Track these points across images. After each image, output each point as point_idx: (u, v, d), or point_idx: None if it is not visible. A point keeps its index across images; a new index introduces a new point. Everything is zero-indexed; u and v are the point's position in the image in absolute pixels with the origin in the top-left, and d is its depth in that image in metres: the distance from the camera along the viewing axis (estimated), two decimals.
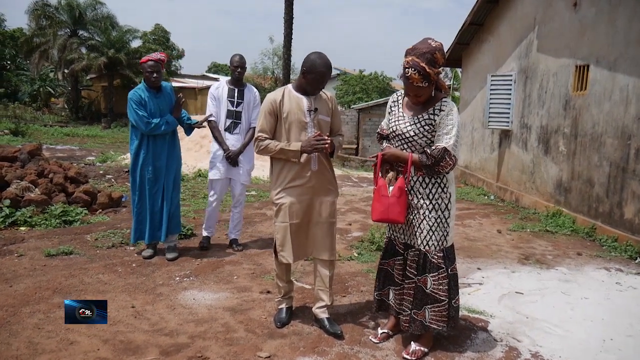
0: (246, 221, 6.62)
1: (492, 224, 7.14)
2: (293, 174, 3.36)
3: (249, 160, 5.30)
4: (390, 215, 3.02)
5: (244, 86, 5.27)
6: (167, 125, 4.76)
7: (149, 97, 4.75)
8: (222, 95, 5.18)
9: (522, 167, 8.72)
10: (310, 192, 3.38)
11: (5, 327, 3.31)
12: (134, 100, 4.68)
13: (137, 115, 4.65)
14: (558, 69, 7.64)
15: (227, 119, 5.16)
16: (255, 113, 5.22)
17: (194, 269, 4.65)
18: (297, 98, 3.37)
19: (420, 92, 2.98)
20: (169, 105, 4.88)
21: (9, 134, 18.23)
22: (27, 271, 4.37)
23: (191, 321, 3.55)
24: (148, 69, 4.69)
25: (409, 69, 2.90)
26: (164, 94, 4.86)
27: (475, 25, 10.73)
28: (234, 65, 5.20)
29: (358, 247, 5.53)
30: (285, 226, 3.38)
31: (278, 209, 3.40)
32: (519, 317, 3.88)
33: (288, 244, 3.38)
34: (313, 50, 3.32)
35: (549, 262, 5.34)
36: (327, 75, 3.32)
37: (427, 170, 3.01)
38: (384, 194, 3.03)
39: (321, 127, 3.40)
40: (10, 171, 6.52)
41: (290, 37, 19.68)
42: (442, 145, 2.94)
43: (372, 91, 28.77)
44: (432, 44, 2.93)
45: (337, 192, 3.56)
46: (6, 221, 5.71)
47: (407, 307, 3.18)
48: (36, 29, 28.05)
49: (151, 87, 4.77)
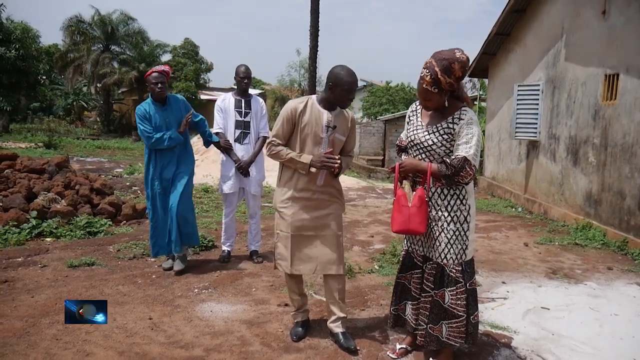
0: (267, 233, 6.60)
1: (518, 237, 6.96)
2: (299, 185, 3.33)
3: (260, 169, 5.29)
4: (411, 226, 2.93)
5: (250, 97, 5.27)
6: (170, 140, 4.68)
7: (155, 110, 4.72)
8: (229, 107, 5.17)
9: (550, 178, 8.51)
10: (315, 205, 3.35)
11: (24, 337, 3.34)
12: (138, 114, 4.70)
13: (140, 129, 4.67)
14: (587, 78, 7.46)
15: (235, 129, 5.15)
16: (262, 123, 5.25)
17: (212, 280, 4.64)
18: (318, 111, 3.33)
19: (428, 96, 2.92)
20: (177, 118, 4.80)
21: (42, 147, 18.72)
22: (49, 282, 4.43)
23: (207, 334, 3.53)
24: (152, 81, 4.66)
25: (424, 69, 2.88)
26: (171, 107, 4.79)
27: (501, 35, 10.61)
28: (240, 76, 5.17)
29: (379, 260, 5.44)
30: (286, 236, 3.36)
31: (280, 217, 3.39)
32: (544, 333, 3.74)
33: (287, 253, 3.36)
34: (338, 63, 3.28)
35: (577, 277, 5.16)
36: (354, 87, 3.28)
37: (446, 180, 2.94)
38: (404, 204, 2.95)
39: (335, 145, 3.36)
40: (38, 183, 6.67)
41: (316, 49, 19.72)
42: (462, 155, 2.86)
43: (399, 102, 28.65)
44: (457, 54, 2.85)
45: (343, 204, 3.51)
46: (32, 232, 5.82)
47: (423, 321, 3.09)
48: (70, 44, 28.90)
49: (156, 99, 4.73)
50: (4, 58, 18.72)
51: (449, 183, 2.95)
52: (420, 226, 2.93)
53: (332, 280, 3.41)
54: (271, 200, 9.07)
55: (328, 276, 3.41)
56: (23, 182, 6.57)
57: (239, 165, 5.06)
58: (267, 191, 10.45)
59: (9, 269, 4.74)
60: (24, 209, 6.16)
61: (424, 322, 3.08)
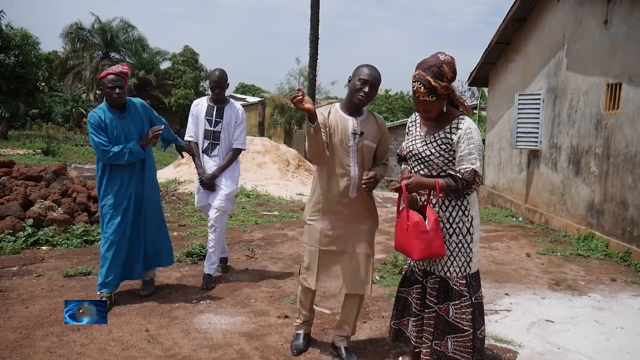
0: (266, 242, 6.54)
1: (520, 247, 6.89)
2: (330, 197, 3.16)
3: (230, 185, 4.70)
4: (433, 251, 2.79)
5: (225, 103, 4.72)
6: (130, 155, 4.02)
7: (112, 118, 4.05)
8: (200, 114, 4.69)
9: (551, 188, 8.45)
10: (346, 220, 3.17)
11: (17, 350, 3.25)
12: (91, 123, 4.00)
13: (94, 141, 3.98)
14: (589, 88, 7.42)
15: (204, 139, 4.68)
16: (238, 132, 4.74)
17: (211, 291, 4.56)
18: (342, 118, 3.13)
19: (429, 107, 2.84)
20: (138, 127, 4.17)
21: (40, 154, 18.67)
22: (44, 292, 4.34)
23: (205, 347, 3.44)
24: (108, 85, 3.96)
25: (415, 82, 2.80)
26: (131, 114, 4.14)
27: (502, 44, 10.61)
28: (211, 84, 4.64)
29: (380, 270, 5.37)
30: (313, 250, 3.19)
31: (308, 229, 3.23)
32: (549, 347, 3.66)
33: (314, 269, 3.20)
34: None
35: (581, 288, 5.09)
36: (373, 81, 3.04)
37: (454, 194, 2.86)
38: (424, 230, 2.78)
39: (364, 153, 3.15)
40: (34, 190, 6.58)
41: (315, 57, 19.73)
42: (471, 167, 2.79)
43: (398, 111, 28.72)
44: (441, 57, 2.79)
45: (376, 221, 3.32)
46: (28, 240, 5.73)
47: (427, 338, 2.99)
48: (70, 51, 28.94)
49: (113, 105, 4.07)
50: (3, 64, 18.70)
51: (457, 196, 2.88)
52: (441, 249, 2.82)
53: (354, 299, 3.29)
54: (270, 209, 9.08)
55: (350, 295, 3.28)
56: (19, 189, 6.49)
57: (201, 180, 4.66)
58: (266, 199, 10.39)
59: (4, 278, 4.65)
60: (20, 216, 6.07)
61: (429, 339, 2.97)
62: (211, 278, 4.71)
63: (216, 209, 4.65)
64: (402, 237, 2.88)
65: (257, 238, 6.77)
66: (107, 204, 4.08)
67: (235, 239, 6.60)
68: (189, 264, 5.32)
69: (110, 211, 4.07)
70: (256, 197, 10.50)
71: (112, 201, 4.07)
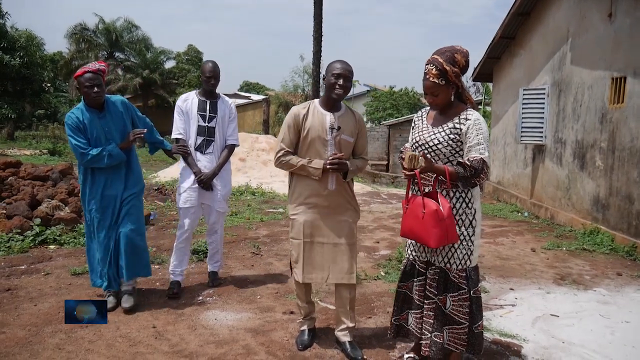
0: (272, 239, 6.57)
1: (525, 242, 6.89)
2: (310, 191, 3.27)
3: (226, 183, 4.54)
4: (450, 238, 2.82)
5: (217, 98, 4.51)
6: (110, 158, 3.83)
7: (90, 119, 3.83)
8: (192, 109, 4.41)
9: (557, 183, 8.43)
10: (326, 212, 3.29)
11: (27, 347, 3.30)
12: (69, 125, 3.80)
13: (72, 143, 3.80)
14: (593, 82, 7.40)
15: (197, 136, 4.40)
16: (231, 128, 4.54)
17: (217, 288, 4.59)
18: (321, 114, 3.29)
19: (437, 91, 2.87)
20: (118, 126, 3.95)
21: (46, 154, 18.77)
22: (52, 290, 4.39)
23: (212, 342, 3.47)
24: (86, 83, 3.73)
25: (427, 65, 2.87)
26: (110, 113, 3.92)
27: (506, 39, 10.57)
28: (206, 74, 4.38)
29: (385, 266, 5.38)
30: (298, 243, 3.31)
31: (292, 224, 3.35)
32: (554, 341, 3.67)
33: (300, 261, 3.31)
34: None
35: (586, 283, 5.09)
36: (346, 74, 3.19)
37: (462, 182, 2.88)
38: (442, 217, 2.78)
39: (342, 147, 3.28)
40: (41, 190, 6.64)
41: (319, 54, 19.73)
42: (479, 156, 2.81)
43: (403, 107, 28.55)
44: (456, 47, 2.90)
45: (357, 212, 3.43)
46: (36, 239, 5.78)
47: (427, 329, 3.01)
48: (75, 51, 29.03)
49: (92, 105, 3.85)
50: (8, 66, 18.77)
51: (465, 185, 2.90)
52: (455, 235, 2.85)
53: (344, 289, 3.35)
54: (276, 206, 9.10)
55: (339, 285, 3.36)
56: (27, 189, 6.55)
57: (200, 178, 4.35)
58: (271, 196, 10.42)
59: (12, 276, 4.70)
60: (27, 216, 6.13)
61: (428, 330, 3.00)
62: (217, 275, 4.70)
63: (218, 212, 4.51)
64: (416, 224, 2.85)
65: (263, 235, 6.80)
66: (94, 209, 3.93)
67: (241, 236, 6.63)
68: (195, 261, 5.36)
69: (98, 216, 3.93)
70: (261, 195, 10.54)
71: (98, 205, 3.92)
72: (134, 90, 28.16)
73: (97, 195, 3.92)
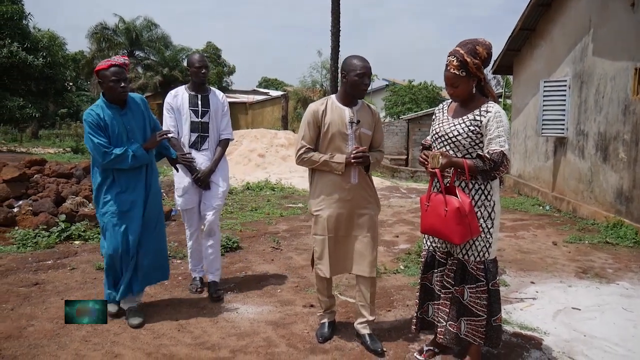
0: (291, 233, 6.62)
1: (547, 236, 6.83)
2: (332, 186, 3.29)
3: (225, 178, 4.34)
4: (473, 232, 2.84)
5: (208, 91, 4.31)
6: (134, 159, 3.56)
7: (112, 115, 3.58)
8: (183, 105, 4.18)
9: (579, 175, 8.33)
10: (349, 206, 3.30)
11: (55, 339, 3.39)
12: (90, 123, 3.51)
13: (93, 142, 3.49)
14: (616, 73, 7.28)
15: (191, 133, 4.19)
16: (224, 122, 4.34)
17: (238, 282, 4.65)
18: (339, 109, 3.31)
19: (457, 82, 2.88)
20: (139, 124, 3.72)
21: (70, 152, 19.12)
22: (78, 284, 4.49)
23: (233, 335, 3.53)
24: (112, 78, 3.49)
25: (449, 56, 2.87)
26: (131, 110, 3.69)
27: (526, 31, 10.45)
28: (196, 66, 4.16)
29: (405, 260, 5.39)
30: (322, 239, 3.32)
31: (315, 220, 3.36)
32: (575, 334, 3.65)
33: (325, 257, 3.32)
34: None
35: (609, 276, 5.03)
36: (367, 72, 3.22)
37: (482, 176, 2.88)
38: (465, 214, 2.80)
39: (362, 141, 3.31)
40: (66, 187, 6.78)
41: (337, 49, 19.75)
42: (499, 149, 2.81)
43: (422, 101, 28.39)
44: (479, 39, 2.89)
45: (378, 206, 3.44)
46: (61, 235, 5.91)
47: (442, 318, 3.04)
48: (96, 51, 29.47)
49: (114, 101, 3.60)
50: (32, 66, 19.11)
51: (485, 178, 2.90)
52: (478, 229, 2.86)
53: (364, 282, 3.37)
54: (295, 201, 9.16)
55: (360, 278, 3.38)
56: (52, 186, 6.69)
57: (197, 177, 4.15)
58: (291, 192, 10.47)
59: (40, 271, 4.82)
60: (53, 212, 6.27)
61: (444, 318, 3.03)
62: (218, 285, 4.33)
63: (214, 210, 4.25)
64: (438, 222, 2.88)
65: (282, 230, 6.86)
66: (110, 212, 3.61)
67: (261, 231, 6.70)
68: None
69: (114, 220, 3.61)
70: (281, 190, 10.61)
71: (114, 208, 3.61)
72: (154, 88, 28.52)
73: (115, 199, 3.62)
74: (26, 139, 26.95)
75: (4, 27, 18.76)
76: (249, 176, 12.10)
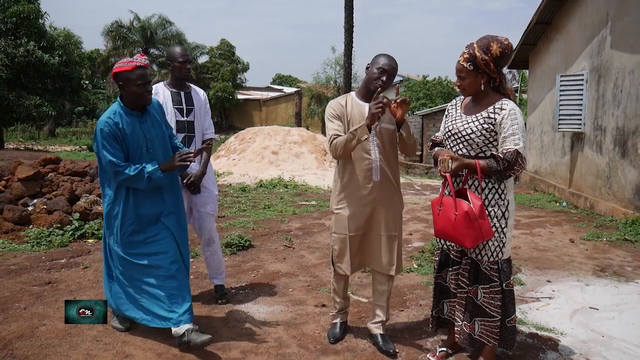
0: (304, 232, 6.58)
1: (564, 233, 6.71)
2: (355, 184, 3.21)
3: (213, 182, 4.07)
4: (485, 235, 2.77)
5: (189, 88, 3.98)
6: (149, 181, 3.14)
7: (131, 123, 3.18)
8: (166, 103, 3.78)
9: (596, 171, 8.18)
10: (372, 204, 3.22)
11: (66, 338, 3.39)
12: (106, 134, 3.10)
13: (106, 158, 3.11)
14: (635, 66, 7.12)
15: (178, 133, 3.79)
16: (207, 121, 4.05)
17: (249, 281, 4.63)
18: (359, 105, 3.24)
19: (463, 74, 2.83)
20: (159, 133, 3.31)
21: (86, 150, 19.31)
22: (90, 283, 4.50)
23: (244, 335, 3.51)
24: (138, 81, 3.09)
25: (464, 49, 2.83)
26: (150, 116, 3.29)
27: (542, 24, 10.29)
28: (179, 60, 3.81)
29: (418, 259, 5.33)
30: (343, 238, 3.25)
31: (336, 219, 3.28)
32: (593, 335, 3.57)
33: (346, 256, 3.26)
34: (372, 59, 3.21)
35: (628, 275, 4.92)
36: (390, 71, 3.11)
37: (496, 176, 2.82)
38: (474, 218, 2.74)
39: (383, 136, 3.22)
40: (80, 185, 6.82)
41: (350, 45, 19.64)
42: (513, 148, 2.74)
43: (436, 97, 28.13)
44: (499, 37, 2.81)
45: (402, 203, 3.37)
46: (75, 234, 5.94)
47: (459, 317, 2.99)
48: (111, 49, 29.74)
49: (138, 107, 3.21)
50: (48, 64, 19.32)
51: (499, 178, 2.83)
52: (490, 231, 2.79)
53: (382, 280, 3.32)
54: (308, 199, 9.12)
55: (378, 276, 3.33)
56: (66, 185, 6.73)
57: (189, 180, 3.80)
58: (304, 189, 10.44)
59: (53, 270, 4.85)
60: (67, 211, 6.31)
61: (460, 318, 2.98)
62: (224, 289, 4.19)
63: (210, 215, 4.01)
64: (449, 226, 2.83)
65: (295, 228, 6.83)
66: (128, 232, 3.25)
67: (274, 229, 6.67)
68: (228, 254, 5.41)
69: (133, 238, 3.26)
70: (294, 187, 10.58)
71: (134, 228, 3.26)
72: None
73: (133, 216, 3.24)
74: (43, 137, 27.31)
75: (20, 27, 19.00)
76: (262, 173, 12.08)
